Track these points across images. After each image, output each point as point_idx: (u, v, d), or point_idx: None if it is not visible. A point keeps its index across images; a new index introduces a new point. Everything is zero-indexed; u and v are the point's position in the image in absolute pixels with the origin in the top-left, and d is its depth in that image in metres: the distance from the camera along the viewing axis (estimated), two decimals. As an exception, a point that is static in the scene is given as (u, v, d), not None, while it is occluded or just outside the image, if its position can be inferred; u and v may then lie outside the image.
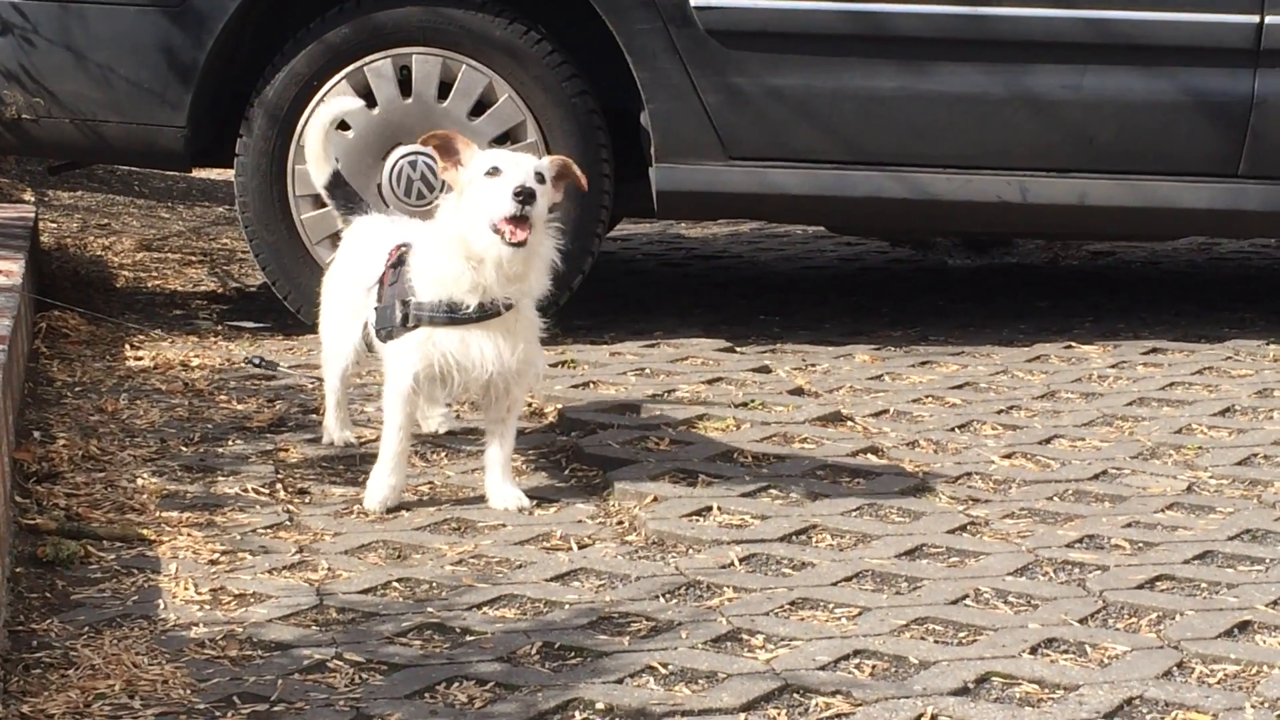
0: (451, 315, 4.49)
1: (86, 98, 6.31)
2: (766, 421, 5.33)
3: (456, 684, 3.53)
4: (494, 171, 4.44)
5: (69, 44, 6.27)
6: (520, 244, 4.39)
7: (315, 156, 5.08)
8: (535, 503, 4.62)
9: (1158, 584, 4.11)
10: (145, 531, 4.34)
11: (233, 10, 6.18)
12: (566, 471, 4.92)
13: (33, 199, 8.37)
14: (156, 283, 7.37)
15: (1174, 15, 6.20)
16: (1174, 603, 3.99)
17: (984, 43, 6.23)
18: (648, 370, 5.91)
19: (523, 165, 4.46)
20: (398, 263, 4.61)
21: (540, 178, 4.45)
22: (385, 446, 4.59)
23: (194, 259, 7.90)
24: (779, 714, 3.42)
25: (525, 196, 4.36)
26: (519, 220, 4.38)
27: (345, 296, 4.88)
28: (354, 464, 4.95)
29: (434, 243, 4.54)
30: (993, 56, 6.24)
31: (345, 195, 5.12)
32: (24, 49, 6.29)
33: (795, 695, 3.50)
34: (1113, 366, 6.12)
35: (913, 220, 6.70)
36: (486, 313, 4.48)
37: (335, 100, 5.21)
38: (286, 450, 5.04)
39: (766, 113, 6.22)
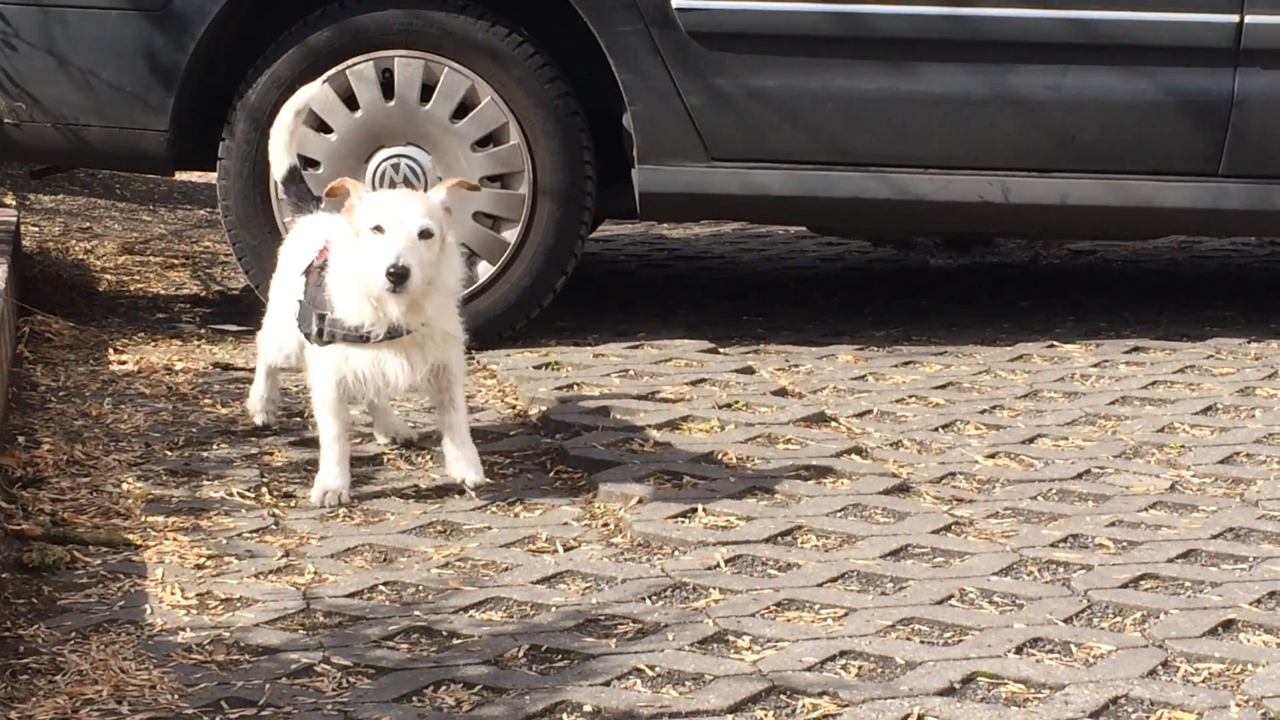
0: (362, 337, 4.56)
1: (68, 101, 6.30)
2: (750, 422, 5.34)
3: (444, 687, 3.54)
4: (377, 229, 4.46)
5: (50, 48, 6.26)
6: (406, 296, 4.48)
7: (278, 147, 5.09)
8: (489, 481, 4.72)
9: (1142, 583, 4.13)
10: (131, 536, 4.34)
11: (214, 14, 6.18)
12: (551, 474, 4.93)
13: (14, 203, 8.36)
14: (139, 286, 7.36)
15: (1154, 15, 6.22)
16: (1158, 602, 4.00)
17: (965, 43, 6.24)
18: (631, 371, 5.92)
19: (406, 225, 4.45)
20: (324, 265, 4.64)
21: (426, 233, 4.46)
22: (325, 453, 4.67)
23: (176, 262, 7.89)
24: (766, 715, 3.43)
25: (398, 277, 4.40)
26: (397, 288, 4.43)
27: (284, 295, 4.92)
28: (339, 467, 4.95)
29: (340, 270, 4.57)
30: (974, 57, 6.25)
31: (298, 192, 5.11)
32: (5, 53, 6.28)
33: (782, 696, 3.51)
34: (1095, 365, 6.13)
35: (895, 220, 6.72)
36: (394, 334, 4.56)
37: (302, 90, 5.19)
38: (271, 454, 5.04)
39: (749, 114, 6.23)
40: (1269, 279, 7.90)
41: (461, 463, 4.66)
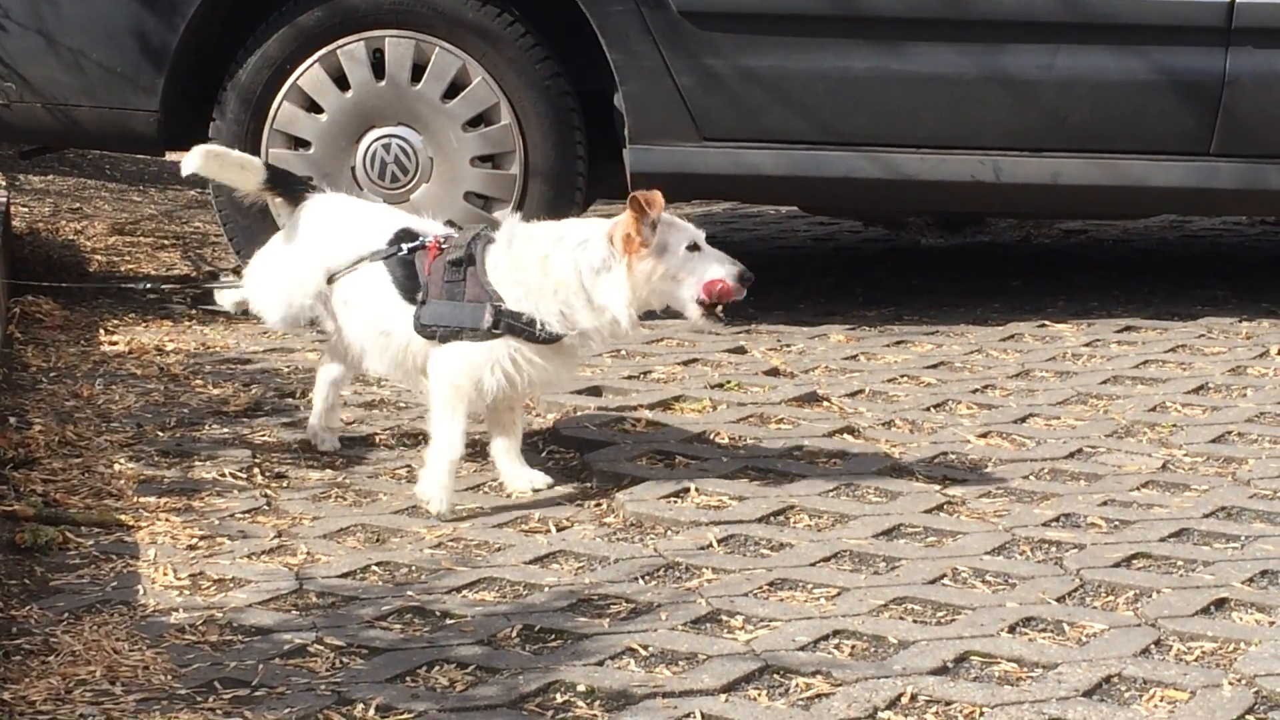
0: (552, 337, 4.46)
1: (59, 82, 6.29)
2: (743, 402, 5.34)
3: (437, 667, 3.54)
4: (694, 248, 4.46)
5: (41, 29, 6.25)
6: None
7: (239, 163, 4.88)
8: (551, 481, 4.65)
9: (1134, 562, 4.13)
10: (123, 517, 4.34)
11: (205, -7, 6.17)
12: (544, 454, 4.93)
13: (4, 183, 8.34)
14: (129, 267, 7.34)
15: (1145, -6, 6.23)
16: (1151, 580, 4.01)
17: (957, 23, 6.24)
18: (623, 351, 5.92)
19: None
20: (464, 260, 4.50)
21: None
22: (444, 448, 4.48)
23: (167, 243, 7.88)
24: (759, 695, 3.43)
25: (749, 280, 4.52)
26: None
27: (307, 260, 4.73)
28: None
29: (597, 278, 4.45)
30: (966, 36, 6.25)
31: (290, 181, 4.92)
32: (-5, 34, 6.27)
33: (775, 676, 3.51)
34: (1086, 345, 6.14)
35: (886, 200, 6.72)
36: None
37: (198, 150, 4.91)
38: (263, 434, 5.03)
39: (740, 94, 6.23)
40: (1260, 258, 7.90)
41: (525, 477, 4.63)
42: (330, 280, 4.66)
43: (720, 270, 4.48)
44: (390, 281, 4.55)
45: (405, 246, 4.57)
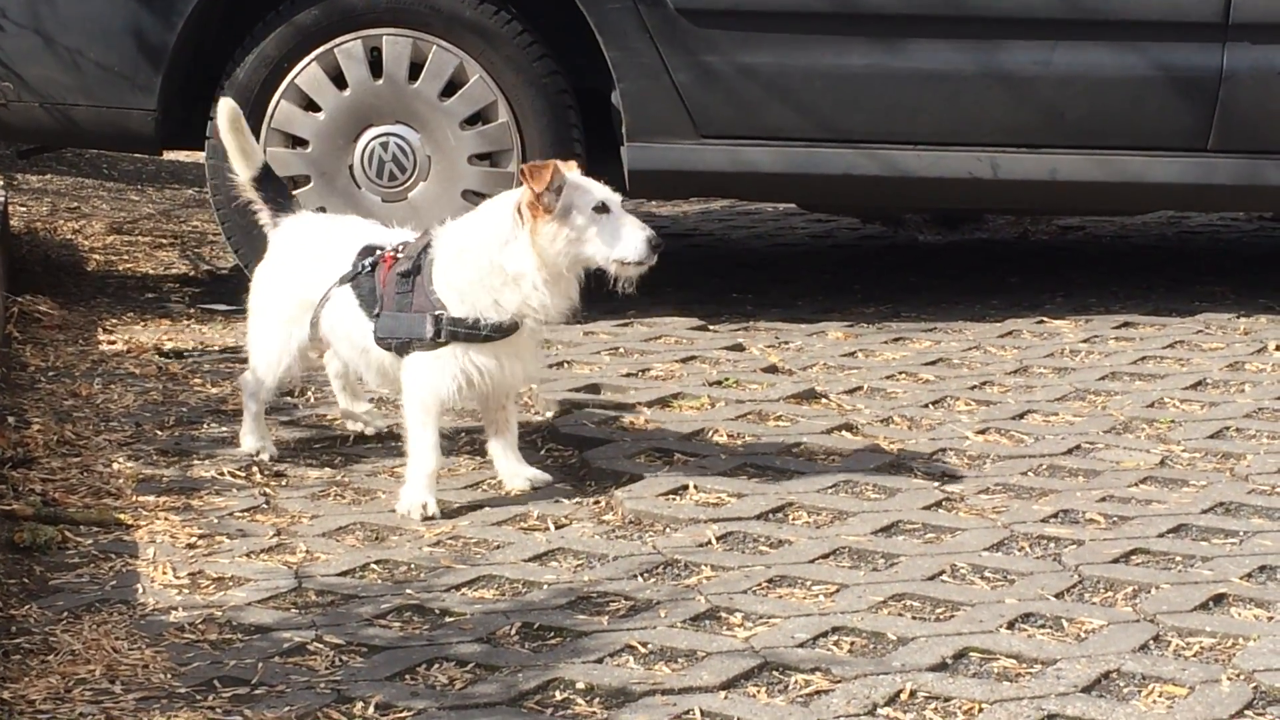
0: (504, 330, 4.47)
1: (56, 81, 6.29)
2: (741, 400, 5.34)
3: (437, 665, 3.54)
4: (602, 209, 4.43)
5: (38, 28, 6.25)
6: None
7: (235, 151, 4.87)
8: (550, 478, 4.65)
9: (1133, 558, 4.14)
10: (122, 516, 4.34)
11: (202, -8, 6.17)
12: (542, 451, 4.93)
13: (2, 183, 8.34)
14: (128, 266, 7.35)
15: (1143, -10, 6.23)
16: (1149, 576, 4.01)
17: (954, 20, 6.24)
18: (621, 349, 5.92)
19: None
20: (411, 270, 4.52)
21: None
22: (420, 459, 4.49)
23: (165, 242, 7.88)
24: (759, 691, 3.44)
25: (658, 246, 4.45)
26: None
27: (287, 301, 4.74)
28: (330, 446, 4.96)
29: (506, 259, 4.45)
30: (963, 33, 6.25)
31: (275, 190, 4.91)
32: (-7, 33, 6.27)
33: (775, 673, 3.52)
34: (1084, 341, 6.14)
35: (884, 197, 6.72)
36: (512, 330, 4.49)
37: (222, 102, 4.93)
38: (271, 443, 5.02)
39: (738, 91, 6.23)
40: (1258, 254, 7.90)
41: (521, 475, 4.64)
42: (315, 315, 4.67)
43: (626, 239, 4.42)
44: (357, 301, 4.59)
45: (366, 263, 4.59)
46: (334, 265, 4.66)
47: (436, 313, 4.45)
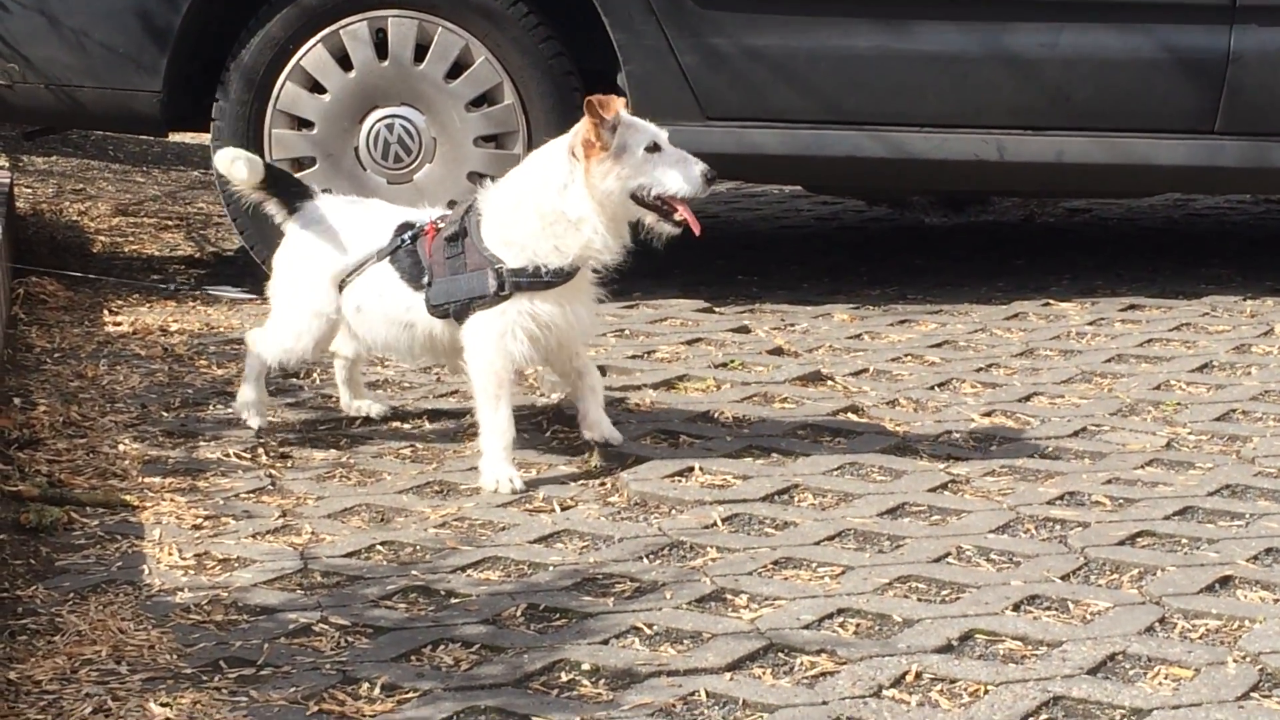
0: (567, 275, 4.53)
1: (62, 63, 6.28)
2: (746, 382, 5.34)
3: (442, 646, 3.54)
4: (655, 148, 4.51)
5: (43, 9, 6.24)
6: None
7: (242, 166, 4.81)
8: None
9: (1138, 540, 4.13)
10: (128, 497, 4.34)
11: (208, -26, 6.17)
12: (548, 433, 4.93)
13: (7, 164, 8.34)
14: (133, 248, 7.35)
15: (1149, -28, 6.22)
16: (1155, 558, 4.01)
17: (961, 1, 6.23)
18: (627, 331, 5.92)
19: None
20: (459, 233, 4.53)
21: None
22: (497, 432, 4.50)
23: (170, 224, 7.88)
24: (764, 673, 3.44)
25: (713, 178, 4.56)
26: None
27: (311, 279, 4.73)
28: (336, 428, 4.96)
29: (566, 204, 4.49)
30: (969, 15, 6.24)
31: (284, 183, 4.86)
32: (-2, 15, 6.27)
33: (780, 654, 3.52)
34: (1091, 324, 6.13)
35: (890, 179, 6.71)
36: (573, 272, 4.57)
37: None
38: (268, 415, 5.02)
39: (744, 73, 6.22)
40: (1264, 236, 7.89)
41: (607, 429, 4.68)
42: (340, 288, 4.67)
43: (678, 174, 4.52)
44: (398, 275, 4.58)
45: (406, 236, 4.59)
46: (365, 243, 4.67)
47: (496, 266, 4.48)
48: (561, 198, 4.48)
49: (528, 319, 4.48)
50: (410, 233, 4.61)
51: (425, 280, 4.55)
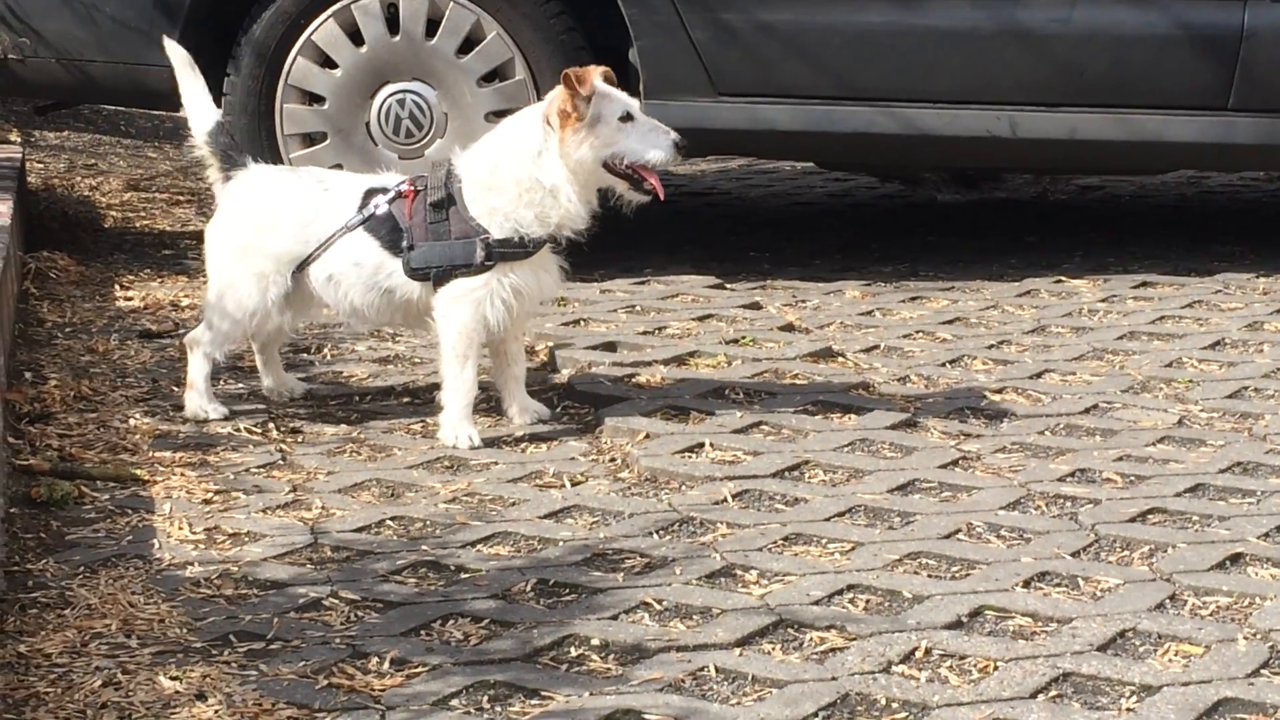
0: (557, 241, 4.66)
1: (73, 37, 6.28)
2: (757, 358, 5.33)
3: (452, 621, 3.54)
4: (627, 118, 4.57)
5: (55, -17, 6.24)
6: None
7: (194, 100, 4.88)
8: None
9: (1149, 517, 4.13)
10: (138, 471, 4.34)
11: (219, -52, 6.16)
12: (558, 409, 4.92)
13: (19, 139, 8.34)
14: (144, 223, 7.35)
15: (1163, -53, 6.20)
16: (1166, 536, 4.00)
17: (973, -24, 6.22)
18: (638, 308, 5.91)
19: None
20: (444, 200, 4.58)
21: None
22: (462, 391, 4.62)
23: (182, 199, 7.88)
24: (773, 649, 3.43)
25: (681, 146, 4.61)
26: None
27: (256, 256, 4.69)
28: (346, 403, 4.96)
29: (542, 172, 4.56)
30: (982, -10, 6.22)
31: (228, 144, 4.84)
32: (10, -12, 6.26)
33: (789, 630, 3.51)
34: (1102, 301, 6.12)
35: (902, 155, 6.70)
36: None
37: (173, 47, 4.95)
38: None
39: (755, 48, 6.20)
40: (1277, 214, 7.87)
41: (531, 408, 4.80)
42: (303, 266, 4.65)
43: (651, 143, 4.58)
44: (377, 243, 4.59)
45: (379, 201, 4.61)
46: (319, 215, 4.66)
47: (482, 237, 4.55)
48: (536, 165, 4.56)
49: (506, 288, 4.58)
50: (385, 198, 4.63)
51: (405, 244, 4.58)
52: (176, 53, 4.91)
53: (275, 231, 4.69)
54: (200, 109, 4.87)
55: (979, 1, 6.22)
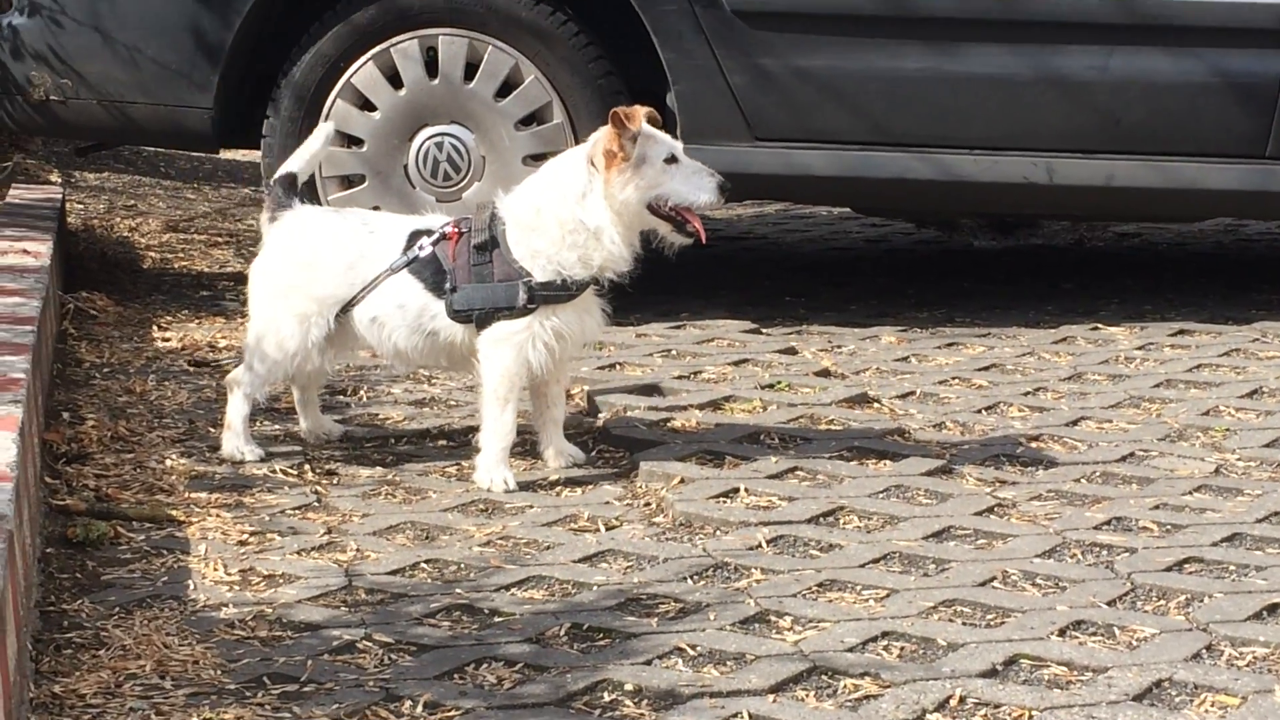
0: (599, 284, 4.67)
1: (114, 79, 6.33)
2: (793, 403, 5.33)
3: (485, 665, 3.54)
4: (672, 160, 4.60)
5: (97, 25, 6.29)
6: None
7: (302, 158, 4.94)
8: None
9: (1186, 566, 4.11)
10: (174, 512, 4.35)
11: (260, -9, 6.20)
12: (593, 453, 4.93)
13: (60, 180, 8.39)
14: (183, 264, 7.38)
15: (1201, -4, 6.19)
16: (1202, 585, 3.98)
17: (1010, 23, 6.22)
18: (674, 351, 5.92)
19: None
20: (488, 243, 4.59)
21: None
22: (500, 434, 4.62)
23: (220, 240, 7.91)
24: (807, 695, 3.43)
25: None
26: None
27: (300, 297, 4.72)
28: (382, 446, 4.97)
29: (585, 214, 4.58)
30: (1019, 37, 6.23)
31: (289, 192, 4.85)
32: (52, 30, 6.31)
33: (823, 677, 3.50)
34: (1139, 348, 6.11)
35: (939, 201, 6.70)
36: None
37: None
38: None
39: (793, 94, 6.22)
40: (1315, 262, 7.85)
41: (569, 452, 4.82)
42: (347, 308, 4.67)
43: (696, 186, 4.60)
44: (421, 285, 4.61)
45: (424, 243, 4.62)
46: (364, 257, 4.68)
47: (525, 280, 4.56)
48: (580, 206, 4.57)
49: (548, 330, 4.59)
50: (430, 240, 4.64)
51: (448, 286, 4.59)
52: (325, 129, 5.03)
53: (319, 272, 4.71)
54: (291, 159, 4.93)
55: (1016, 48, 6.23)
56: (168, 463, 4.73)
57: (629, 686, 3.44)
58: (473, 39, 6.23)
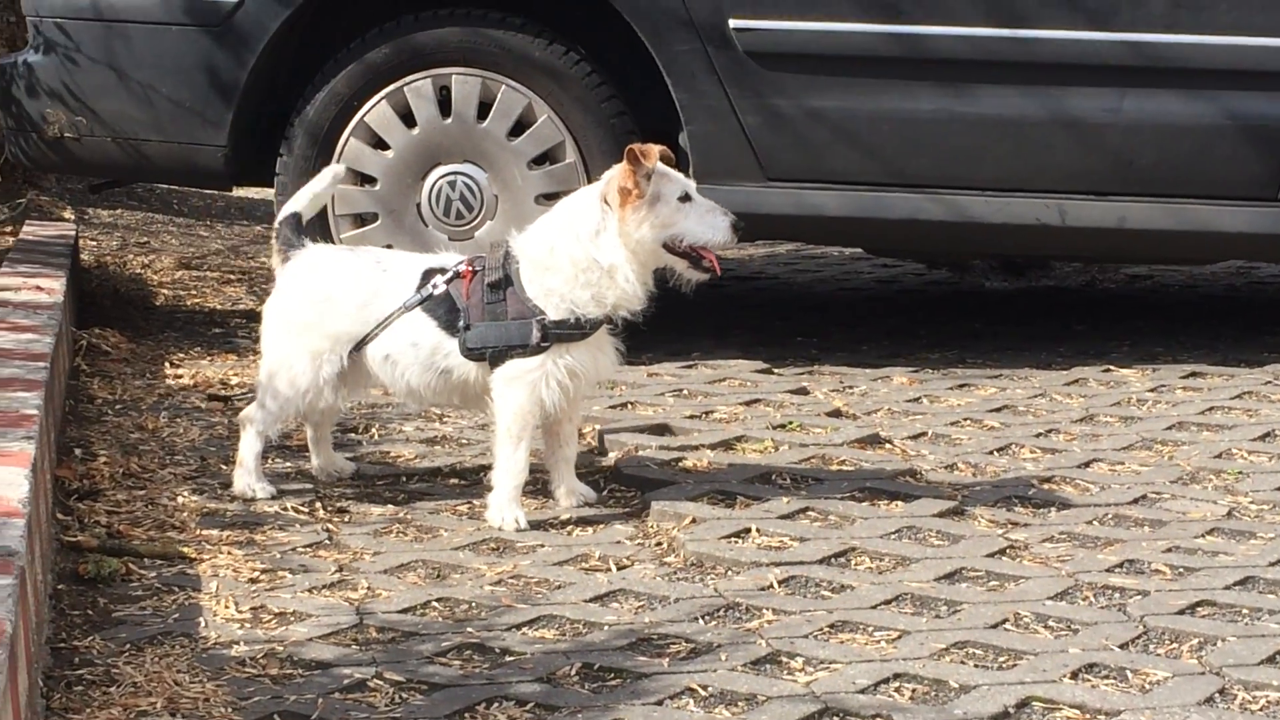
0: (612, 322, 4.69)
1: (128, 116, 6.35)
2: (805, 443, 5.32)
3: (496, 704, 3.53)
4: (686, 198, 4.62)
5: (111, 63, 6.31)
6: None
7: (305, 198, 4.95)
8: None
9: (1199, 609, 4.10)
10: (186, 549, 4.35)
11: (274, 30, 6.22)
12: (605, 492, 4.92)
13: (73, 217, 8.41)
14: (195, 301, 7.39)
15: (1213, 39, 6.19)
16: (1215, 628, 3.97)
17: (1023, 65, 6.23)
18: (685, 391, 5.92)
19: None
20: (502, 281, 4.60)
21: None
22: (513, 473, 4.63)
23: (233, 277, 7.93)
24: (819, 737, 3.42)
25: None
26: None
27: (313, 334, 4.73)
28: (394, 484, 4.97)
29: (600, 252, 4.59)
30: (1031, 79, 6.24)
31: (297, 232, 4.87)
32: (67, 68, 6.33)
33: (835, 718, 3.50)
34: (1151, 390, 6.10)
35: (951, 242, 6.70)
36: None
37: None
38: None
39: (805, 134, 6.23)
40: (1327, 305, 7.85)
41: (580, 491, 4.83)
42: (360, 345, 4.68)
43: (710, 224, 4.62)
44: (435, 323, 4.61)
45: (438, 281, 4.63)
46: (378, 295, 4.69)
47: (539, 318, 4.56)
48: (594, 244, 4.58)
49: (561, 369, 4.59)
50: (444, 278, 4.65)
51: (462, 324, 4.59)
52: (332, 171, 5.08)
53: (333, 310, 4.71)
54: (294, 199, 4.94)
55: (1028, 90, 6.24)
56: (179, 499, 4.73)
57: (640, 727, 3.44)
58: (486, 78, 6.25)
